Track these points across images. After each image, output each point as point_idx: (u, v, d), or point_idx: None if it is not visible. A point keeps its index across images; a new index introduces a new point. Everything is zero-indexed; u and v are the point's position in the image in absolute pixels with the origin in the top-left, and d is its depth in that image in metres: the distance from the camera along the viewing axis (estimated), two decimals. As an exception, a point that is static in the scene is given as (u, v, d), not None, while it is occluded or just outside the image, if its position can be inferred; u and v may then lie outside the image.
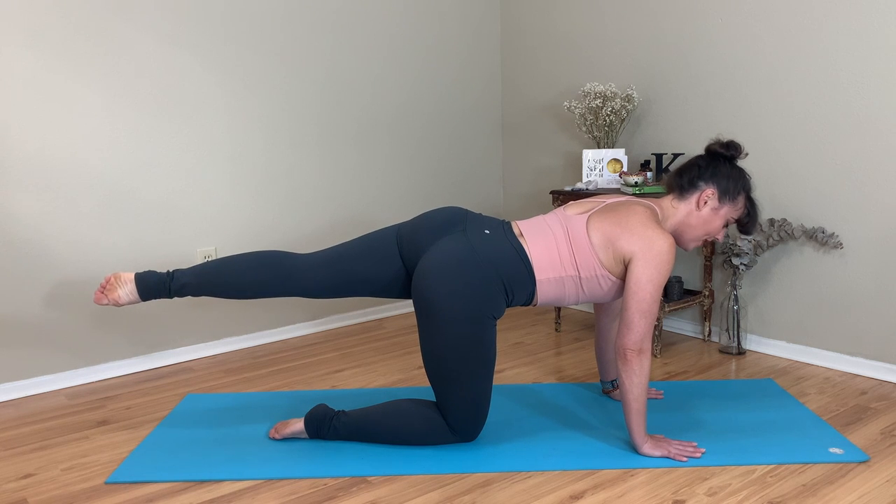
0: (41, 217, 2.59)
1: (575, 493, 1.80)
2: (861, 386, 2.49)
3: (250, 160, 3.07)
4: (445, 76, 3.66)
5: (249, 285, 2.03)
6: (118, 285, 2.03)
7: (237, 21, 2.96)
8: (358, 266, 2.04)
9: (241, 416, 2.32)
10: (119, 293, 2.02)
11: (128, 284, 2.03)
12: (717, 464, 1.91)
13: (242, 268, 2.03)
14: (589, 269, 1.96)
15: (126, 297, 2.03)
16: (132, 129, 2.75)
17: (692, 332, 3.13)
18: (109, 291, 2.03)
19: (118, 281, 2.03)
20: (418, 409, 2.03)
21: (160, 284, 2.03)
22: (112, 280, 2.03)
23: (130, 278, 2.03)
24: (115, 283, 2.03)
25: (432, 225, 2.04)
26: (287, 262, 2.05)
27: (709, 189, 2.02)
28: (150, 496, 1.83)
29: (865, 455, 1.95)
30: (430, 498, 1.79)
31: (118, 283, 2.03)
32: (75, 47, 2.59)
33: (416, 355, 2.94)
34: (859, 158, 2.54)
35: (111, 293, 2.02)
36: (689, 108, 3.03)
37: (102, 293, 2.03)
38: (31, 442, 2.20)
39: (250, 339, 3.13)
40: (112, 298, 2.02)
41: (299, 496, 1.82)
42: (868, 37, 2.47)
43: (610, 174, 3.10)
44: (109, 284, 2.03)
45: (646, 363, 1.89)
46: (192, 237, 2.94)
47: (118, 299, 2.02)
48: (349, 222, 3.39)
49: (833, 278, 2.65)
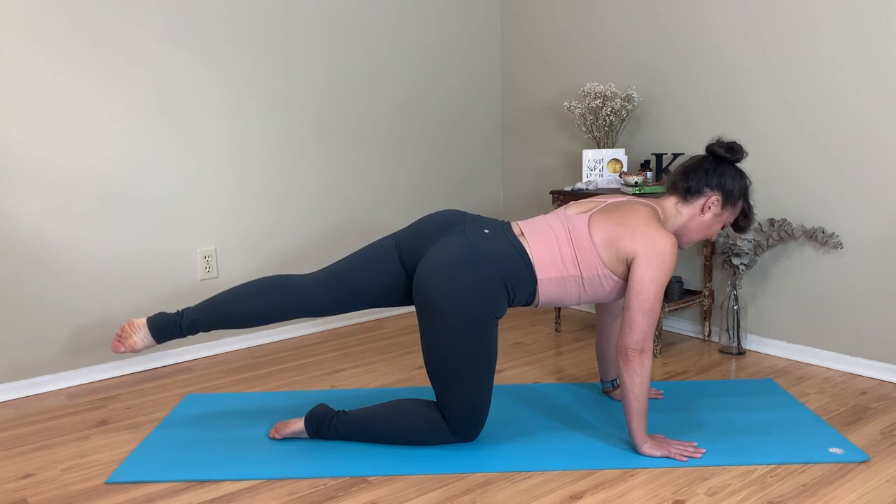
0: (41, 217, 2.59)
1: (575, 493, 1.80)
2: (861, 386, 2.49)
3: (250, 160, 3.07)
4: (445, 76, 3.66)
5: (256, 313, 2.07)
6: (132, 332, 2.08)
7: (237, 21, 2.96)
8: (360, 278, 2.06)
9: (241, 416, 2.32)
10: (135, 339, 2.08)
11: (141, 330, 2.08)
12: (717, 464, 1.91)
13: (247, 297, 2.08)
14: (591, 268, 1.96)
15: (142, 342, 2.08)
16: (132, 129, 2.75)
17: (692, 332, 3.13)
18: (125, 339, 2.08)
19: (132, 328, 2.08)
20: (418, 409, 2.03)
21: (172, 325, 2.09)
22: (126, 328, 2.09)
23: (143, 323, 2.09)
24: (130, 331, 2.08)
25: (431, 227, 2.04)
26: (290, 286, 2.08)
27: (714, 196, 2.02)
28: (150, 496, 1.83)
29: (865, 455, 1.95)
30: (430, 498, 1.79)
31: (132, 329, 2.08)
32: (75, 47, 2.59)
33: (416, 355, 2.94)
34: (859, 158, 2.54)
35: (127, 341, 2.08)
36: (689, 108, 3.03)
37: (119, 342, 2.08)
38: (31, 442, 2.20)
39: (250, 339, 3.13)
40: (129, 346, 2.07)
41: (299, 496, 1.82)
42: (868, 36, 2.47)
43: (610, 174, 3.10)
44: (124, 333, 2.08)
45: (647, 363, 1.89)
46: (192, 237, 2.94)
47: (135, 345, 2.07)
48: (349, 222, 3.39)
49: (833, 278, 2.65)
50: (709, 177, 2.02)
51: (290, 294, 2.06)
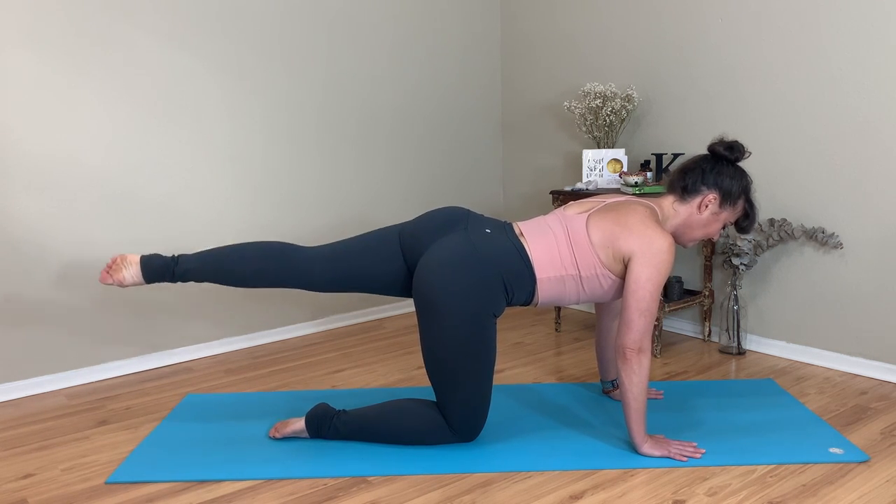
0: (41, 217, 2.59)
1: (575, 493, 1.80)
2: (861, 386, 2.49)
3: (250, 160, 3.06)
4: (445, 76, 3.66)
5: (252, 274, 2.04)
6: (123, 266, 2.04)
7: (237, 21, 2.96)
8: (360, 262, 2.05)
9: (241, 416, 2.32)
10: (124, 274, 2.04)
11: (133, 266, 2.04)
12: (717, 464, 1.91)
13: (247, 256, 2.05)
14: (589, 267, 1.96)
15: (131, 279, 2.04)
16: (132, 128, 2.75)
17: (692, 332, 3.13)
18: (115, 272, 2.04)
19: (124, 262, 2.04)
20: (419, 409, 2.03)
21: (164, 268, 2.05)
22: (118, 261, 2.05)
23: (136, 260, 2.05)
24: (121, 264, 2.04)
25: (434, 224, 2.04)
26: (291, 254, 2.06)
27: (711, 194, 2.02)
28: (150, 496, 1.83)
29: (865, 455, 1.95)
30: (430, 498, 1.79)
31: (124, 264, 2.04)
32: (75, 47, 2.59)
33: (416, 355, 2.94)
34: (859, 158, 2.54)
35: (116, 274, 2.04)
36: (689, 108, 3.03)
37: (108, 273, 2.05)
38: (31, 442, 2.20)
39: (250, 339, 3.13)
40: (117, 279, 2.04)
41: (299, 496, 1.82)
42: (868, 36, 2.47)
43: (610, 174, 3.10)
44: (115, 265, 2.04)
45: (645, 362, 1.89)
46: (192, 237, 2.94)
47: (123, 280, 2.04)
48: (349, 222, 3.39)
49: (833, 278, 2.65)
50: (706, 175, 2.02)
51: (289, 262, 2.04)
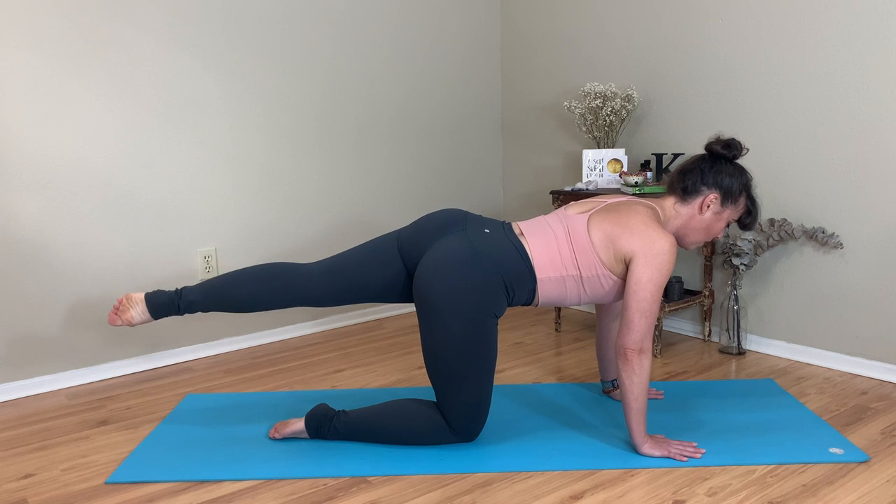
0: (41, 217, 2.59)
1: (575, 493, 1.80)
2: (861, 386, 2.49)
3: (250, 160, 3.07)
4: (445, 76, 3.66)
5: (255, 298, 2.06)
6: (130, 306, 2.07)
7: (237, 21, 2.96)
8: (360, 272, 2.05)
9: (241, 416, 2.32)
10: (132, 314, 2.07)
11: (139, 305, 2.07)
12: (717, 464, 1.91)
13: (247, 281, 2.07)
14: (590, 268, 1.96)
15: (139, 317, 2.07)
16: (132, 129, 2.75)
17: (692, 332, 3.13)
18: (122, 313, 2.07)
19: (129, 302, 2.08)
20: (419, 409, 2.03)
21: (170, 303, 2.08)
22: (124, 301, 2.08)
23: (141, 298, 2.08)
24: (128, 304, 2.08)
25: (432, 226, 2.04)
26: (290, 273, 2.07)
27: (712, 194, 2.01)
28: (150, 496, 1.83)
29: (865, 455, 1.95)
30: (430, 498, 1.79)
31: (130, 303, 2.08)
32: (75, 47, 2.59)
33: (416, 355, 2.94)
34: (859, 158, 2.54)
35: (124, 314, 2.07)
36: (689, 108, 3.03)
37: (116, 314, 2.08)
38: (31, 442, 2.20)
39: (250, 339, 3.13)
40: (125, 319, 2.07)
41: (299, 496, 1.82)
42: (868, 36, 2.47)
43: (610, 174, 3.10)
44: (122, 306, 2.08)
45: (646, 363, 1.89)
46: (192, 237, 2.94)
47: (132, 319, 2.07)
48: (349, 222, 3.39)
49: (833, 278, 2.65)
50: (705, 175, 2.02)
51: (292, 283, 2.06)
